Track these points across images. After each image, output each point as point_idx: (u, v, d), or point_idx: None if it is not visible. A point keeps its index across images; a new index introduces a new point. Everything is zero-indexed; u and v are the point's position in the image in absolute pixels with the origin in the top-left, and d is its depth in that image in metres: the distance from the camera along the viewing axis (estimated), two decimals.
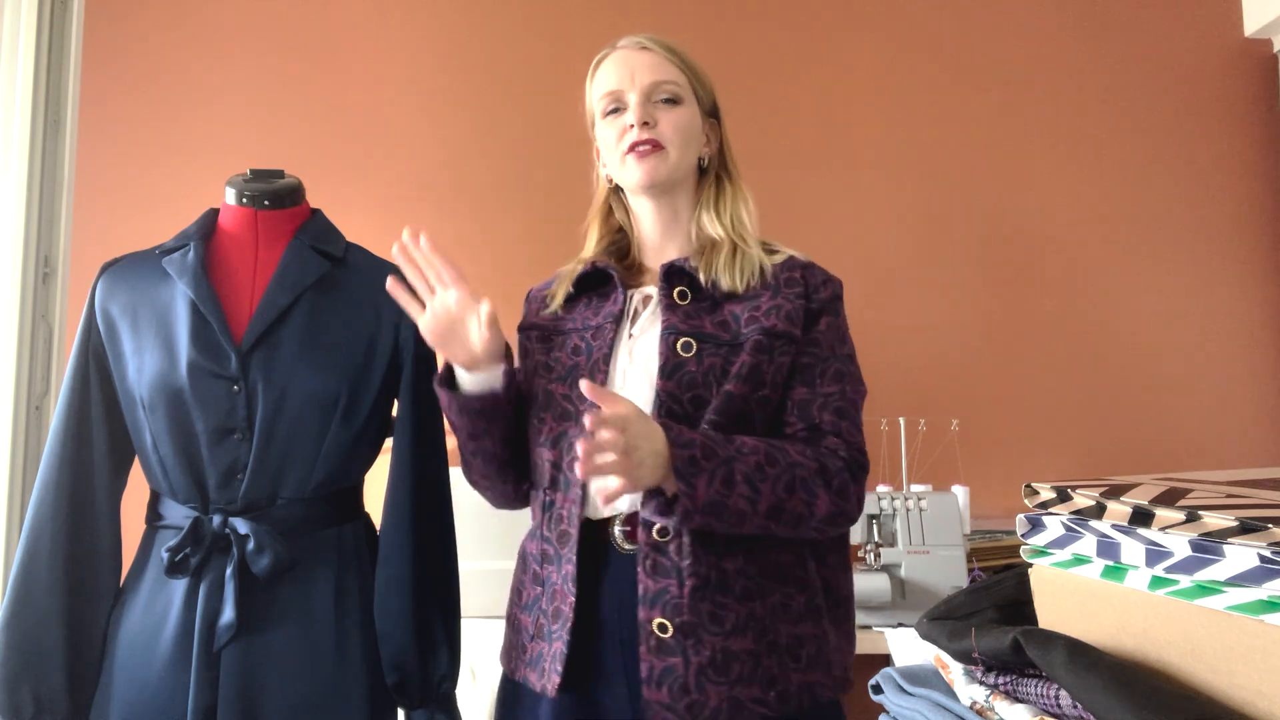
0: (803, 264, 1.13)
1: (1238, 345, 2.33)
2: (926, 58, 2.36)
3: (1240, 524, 0.51)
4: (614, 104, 1.14)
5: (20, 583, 1.08)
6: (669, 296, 1.08)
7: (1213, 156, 2.38)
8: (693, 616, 0.96)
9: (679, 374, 1.02)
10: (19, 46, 1.88)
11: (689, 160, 1.14)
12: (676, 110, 1.12)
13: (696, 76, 1.16)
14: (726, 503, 0.94)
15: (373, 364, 1.16)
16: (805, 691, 0.99)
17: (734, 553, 0.99)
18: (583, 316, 1.13)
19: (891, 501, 1.81)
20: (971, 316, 2.29)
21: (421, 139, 2.26)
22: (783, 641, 0.99)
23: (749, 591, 0.99)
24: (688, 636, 0.95)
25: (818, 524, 0.99)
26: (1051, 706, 0.58)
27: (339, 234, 1.23)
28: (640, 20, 2.32)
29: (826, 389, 1.06)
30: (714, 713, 0.94)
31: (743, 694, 0.95)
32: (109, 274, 1.16)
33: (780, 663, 0.98)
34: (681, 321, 1.06)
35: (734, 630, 0.96)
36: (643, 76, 1.12)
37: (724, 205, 1.16)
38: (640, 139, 1.10)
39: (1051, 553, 0.65)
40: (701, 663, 0.95)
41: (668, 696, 0.94)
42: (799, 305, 1.07)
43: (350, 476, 1.17)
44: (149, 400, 1.08)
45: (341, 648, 1.10)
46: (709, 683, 0.94)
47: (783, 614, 1.00)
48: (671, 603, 0.96)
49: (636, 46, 1.15)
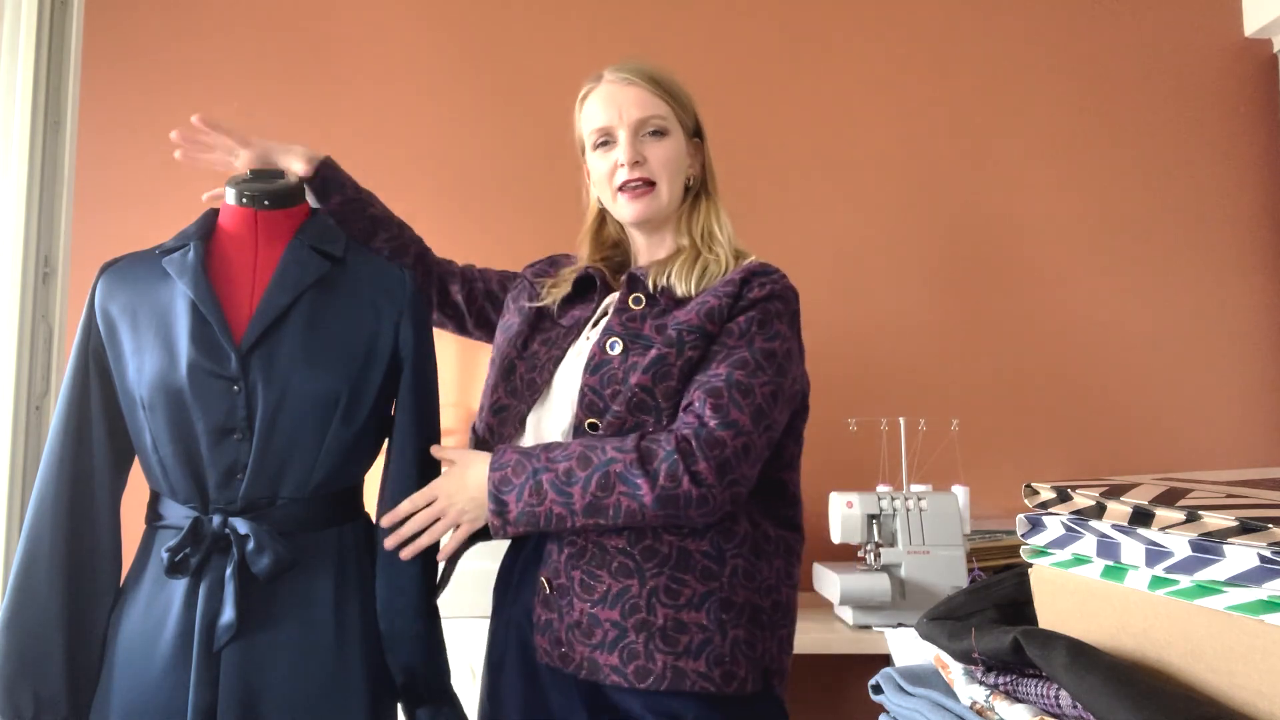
0: (755, 269, 1.15)
1: (1238, 345, 2.33)
2: (927, 57, 2.36)
3: (1240, 524, 0.51)
4: (603, 138, 1.20)
5: (20, 583, 1.08)
6: (624, 302, 1.16)
7: (1212, 156, 2.38)
8: (565, 580, 1.07)
9: (602, 370, 1.11)
10: (19, 46, 1.88)
11: (678, 190, 1.22)
12: (664, 143, 1.20)
13: (680, 103, 1.22)
14: (538, 511, 1.04)
15: (373, 364, 1.16)
16: (673, 675, 1.02)
17: (616, 534, 1.07)
18: (569, 315, 1.23)
19: (891, 501, 1.81)
20: (972, 316, 2.29)
21: (423, 138, 2.26)
22: (657, 622, 1.03)
23: (626, 569, 1.05)
24: (562, 597, 1.07)
25: (654, 511, 1.02)
26: (1051, 706, 0.58)
27: (339, 234, 1.23)
28: (640, 20, 2.32)
29: (715, 371, 1.07)
30: (578, 666, 1.05)
31: (600, 659, 1.04)
32: (109, 274, 1.16)
33: (648, 640, 1.03)
34: (620, 325, 1.14)
35: (601, 601, 1.05)
36: (630, 113, 1.18)
37: (696, 218, 1.23)
38: (631, 178, 1.18)
39: (1051, 553, 0.65)
40: (570, 622, 1.06)
41: (547, 643, 1.08)
42: (725, 304, 1.11)
43: (350, 476, 1.17)
44: (149, 400, 1.08)
45: (341, 648, 1.10)
46: (576, 641, 1.05)
47: (665, 597, 1.04)
48: (552, 564, 1.09)
49: (623, 81, 1.20)
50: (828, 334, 2.23)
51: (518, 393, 1.19)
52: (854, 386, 2.22)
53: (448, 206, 2.23)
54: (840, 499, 1.82)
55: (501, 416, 1.19)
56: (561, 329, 1.22)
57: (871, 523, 1.81)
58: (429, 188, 2.23)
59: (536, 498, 1.04)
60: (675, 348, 1.09)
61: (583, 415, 1.10)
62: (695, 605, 1.05)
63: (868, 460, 2.10)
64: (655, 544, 1.06)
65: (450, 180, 2.25)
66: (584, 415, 1.10)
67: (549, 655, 1.07)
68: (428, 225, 2.22)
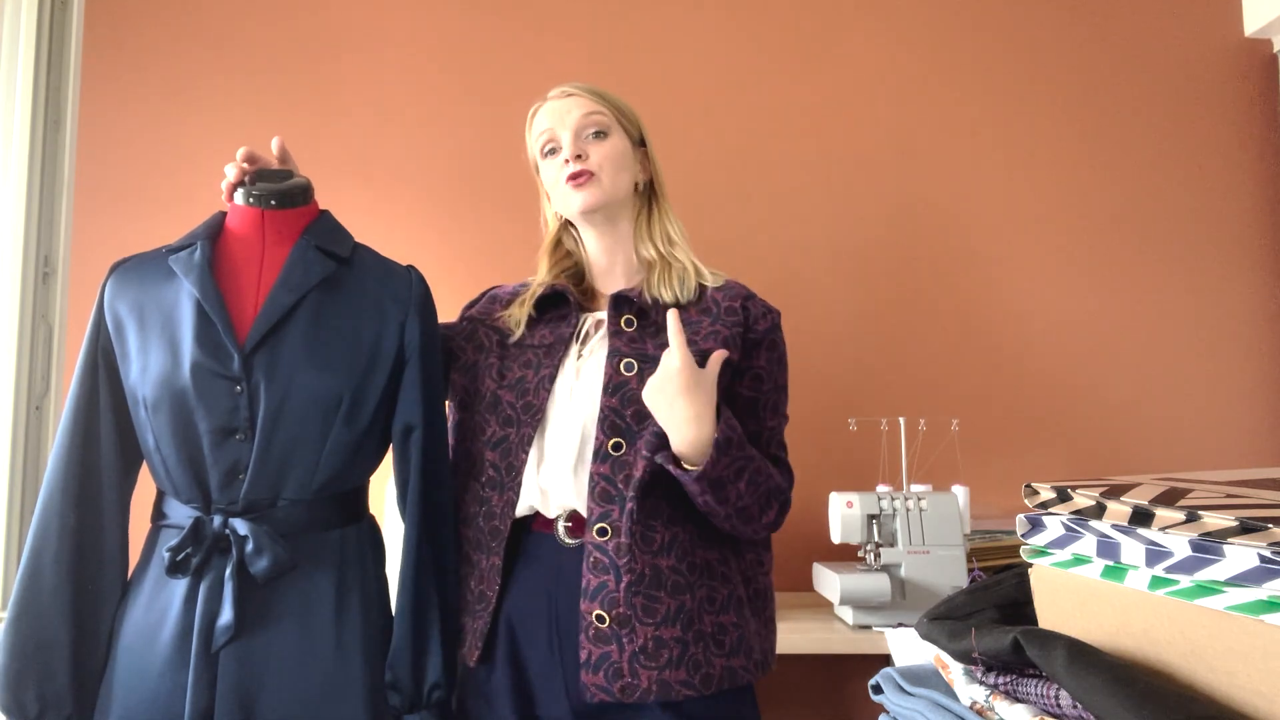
0: (744, 295, 1.25)
1: (1238, 345, 2.33)
2: (924, 58, 2.36)
3: (1240, 524, 0.51)
4: (550, 144, 1.26)
5: (26, 581, 1.08)
6: (616, 324, 1.19)
7: (1212, 156, 2.38)
8: (627, 609, 1.07)
9: (621, 391, 1.14)
10: (19, 46, 1.88)
11: (623, 185, 1.25)
12: (605, 142, 1.24)
13: (621, 112, 1.29)
14: (726, 488, 1.08)
15: (377, 365, 1.15)
16: (727, 674, 1.11)
17: (666, 553, 1.11)
18: (540, 334, 1.24)
19: (891, 501, 1.81)
20: (972, 316, 2.29)
21: (425, 138, 2.26)
22: (708, 630, 1.11)
23: (679, 586, 1.10)
24: (623, 626, 1.07)
25: (753, 531, 1.15)
26: (1051, 706, 0.58)
27: (346, 234, 1.23)
28: (639, 18, 2.32)
29: (771, 423, 1.22)
30: (644, 693, 1.06)
31: (670, 677, 1.07)
32: (118, 273, 1.16)
33: (705, 649, 1.10)
34: (625, 345, 1.17)
35: (664, 621, 1.08)
36: (572, 116, 1.24)
37: (654, 225, 1.28)
38: (575, 170, 1.22)
39: (1051, 553, 0.65)
40: (634, 650, 1.07)
41: (604, 680, 1.06)
42: (736, 333, 1.19)
43: (353, 478, 1.17)
44: (152, 400, 1.08)
45: (341, 650, 1.09)
46: (641, 667, 1.06)
47: (708, 606, 1.12)
48: (609, 596, 1.08)
49: (563, 95, 1.27)
50: (828, 334, 2.24)
51: (515, 420, 1.18)
52: (854, 386, 2.22)
53: (451, 207, 2.23)
54: (840, 499, 1.82)
55: (503, 448, 1.17)
56: (539, 349, 1.21)
57: (871, 523, 1.81)
58: (421, 190, 2.23)
59: (735, 476, 1.09)
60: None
61: (605, 437, 1.12)
62: (725, 608, 1.14)
63: (868, 460, 2.10)
64: (693, 558, 1.13)
65: (453, 180, 2.25)
66: (606, 437, 1.12)
67: (605, 692, 1.06)
68: (420, 227, 2.23)
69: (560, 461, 1.14)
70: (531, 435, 1.15)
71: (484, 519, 1.17)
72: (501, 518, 1.15)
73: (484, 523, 1.17)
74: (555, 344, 1.21)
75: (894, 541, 1.80)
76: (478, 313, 1.31)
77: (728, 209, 2.25)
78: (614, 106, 1.27)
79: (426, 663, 1.12)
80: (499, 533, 1.15)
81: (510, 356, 1.23)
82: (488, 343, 1.25)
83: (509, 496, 1.15)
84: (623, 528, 1.08)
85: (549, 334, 1.22)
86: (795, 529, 1.70)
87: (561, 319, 1.24)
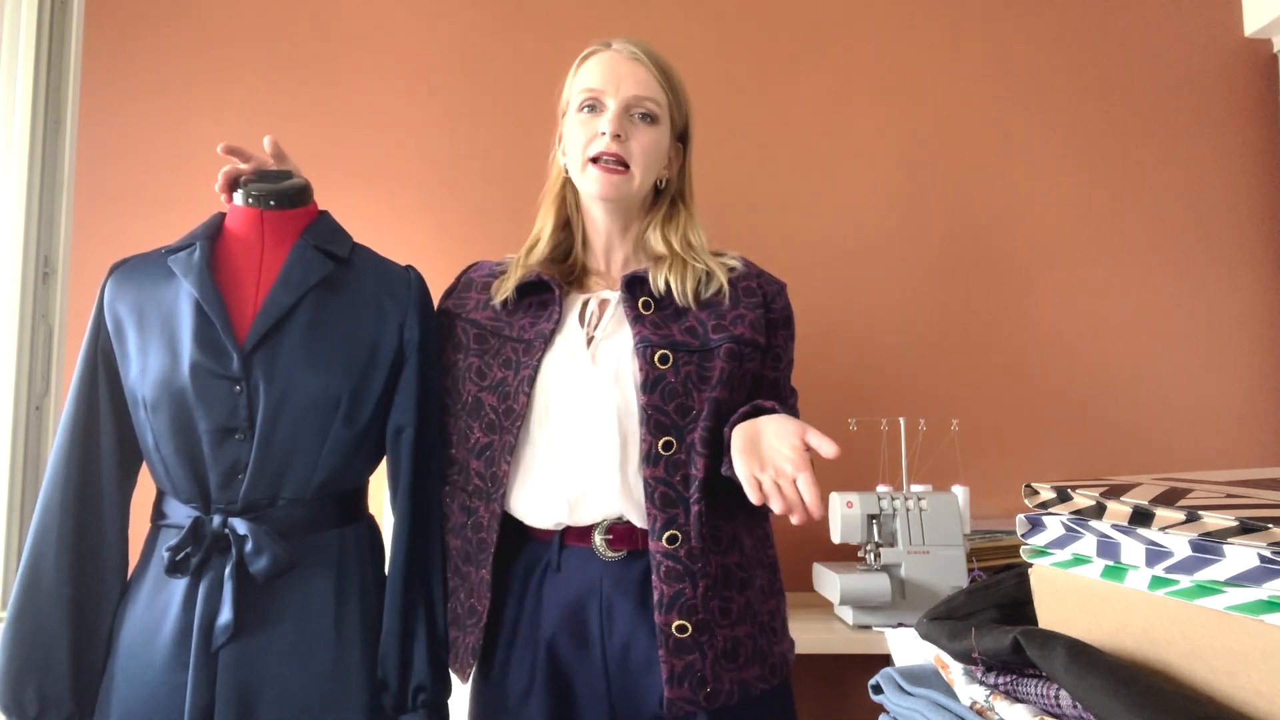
0: (755, 274, 1.20)
1: (1238, 345, 2.33)
2: (927, 57, 2.36)
3: (1240, 524, 0.51)
4: (591, 101, 1.15)
5: (26, 581, 1.08)
6: (634, 308, 1.11)
7: (1212, 156, 2.38)
8: (706, 614, 1.03)
9: (660, 387, 1.07)
10: (19, 46, 1.88)
11: (649, 183, 1.17)
12: (650, 130, 1.15)
13: (677, 99, 1.18)
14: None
15: (376, 365, 1.15)
16: (783, 660, 1.12)
17: (731, 550, 1.08)
18: (519, 325, 1.15)
19: (891, 501, 1.81)
20: (972, 316, 2.29)
21: (425, 138, 2.26)
22: (763, 619, 1.11)
23: (744, 581, 1.09)
24: (702, 633, 1.03)
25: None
26: (1051, 706, 0.58)
27: (345, 234, 1.23)
28: (638, 18, 2.32)
29: (791, 400, 1.21)
30: (727, 696, 1.03)
31: (748, 674, 1.05)
32: (118, 274, 1.17)
33: (767, 639, 1.10)
34: (652, 333, 1.09)
35: (738, 619, 1.06)
36: (627, 87, 1.14)
37: (675, 227, 1.19)
38: (609, 150, 1.12)
39: (1051, 553, 0.65)
40: (716, 654, 1.03)
41: (689, 691, 1.01)
42: (759, 315, 1.15)
43: (353, 478, 1.17)
44: (152, 400, 1.08)
45: (340, 650, 1.10)
46: (723, 670, 1.03)
47: (760, 596, 1.12)
48: (687, 604, 1.03)
49: (629, 55, 1.16)
50: (828, 333, 2.23)
51: (496, 426, 1.11)
52: (854, 386, 2.22)
53: (452, 206, 2.23)
54: (840, 499, 1.82)
55: (487, 456, 1.11)
56: (519, 344, 1.13)
57: (871, 523, 1.81)
58: (421, 190, 2.23)
59: None
60: (738, 361, 1.12)
61: (653, 438, 1.05)
62: (767, 595, 1.14)
63: (868, 460, 2.10)
64: (744, 549, 1.11)
65: (454, 180, 2.25)
66: (655, 437, 1.05)
67: (690, 703, 1.01)
68: (420, 227, 2.23)
69: (595, 465, 1.07)
70: (513, 443, 1.09)
71: (471, 529, 1.13)
72: (489, 529, 1.10)
73: (472, 534, 1.13)
74: (533, 342, 1.12)
75: (894, 541, 1.80)
76: (453, 305, 1.23)
77: (727, 208, 2.25)
78: (673, 92, 1.17)
79: (412, 664, 1.12)
80: (486, 545, 1.10)
81: (489, 351, 1.15)
82: (464, 339, 1.18)
83: (494, 508, 1.10)
84: (692, 531, 1.03)
85: (529, 326, 1.14)
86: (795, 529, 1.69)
87: (543, 308, 1.15)
